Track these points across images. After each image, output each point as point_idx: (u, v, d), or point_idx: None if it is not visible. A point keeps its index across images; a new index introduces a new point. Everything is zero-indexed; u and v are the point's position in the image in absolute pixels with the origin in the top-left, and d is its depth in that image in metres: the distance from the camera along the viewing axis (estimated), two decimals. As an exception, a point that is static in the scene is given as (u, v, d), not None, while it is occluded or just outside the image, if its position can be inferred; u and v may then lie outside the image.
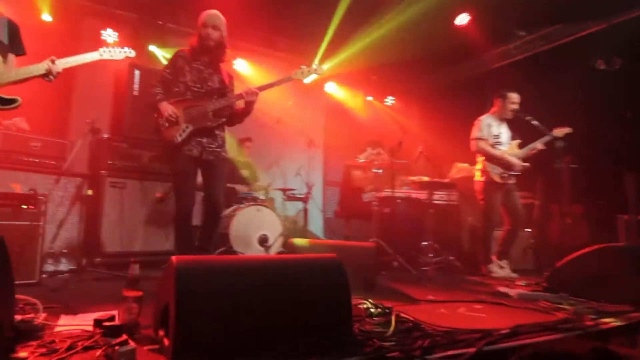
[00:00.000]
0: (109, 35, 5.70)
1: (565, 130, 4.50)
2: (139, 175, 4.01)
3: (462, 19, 5.96)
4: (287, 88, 6.81)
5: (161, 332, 1.71)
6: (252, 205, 4.87)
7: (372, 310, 2.28)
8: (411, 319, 2.22)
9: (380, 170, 4.43)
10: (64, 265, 3.49)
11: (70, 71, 5.25)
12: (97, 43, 5.56)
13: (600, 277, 3.19)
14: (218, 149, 3.30)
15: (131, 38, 5.81)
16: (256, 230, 4.80)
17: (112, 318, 1.76)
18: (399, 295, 3.14)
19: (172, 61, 3.27)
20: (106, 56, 2.84)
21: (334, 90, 7.47)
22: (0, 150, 3.41)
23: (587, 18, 5.98)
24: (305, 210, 5.77)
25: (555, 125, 4.85)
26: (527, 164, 4.48)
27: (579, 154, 5.34)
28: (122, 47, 2.97)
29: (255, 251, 4.72)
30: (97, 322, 1.72)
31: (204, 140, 3.23)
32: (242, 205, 4.87)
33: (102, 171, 3.82)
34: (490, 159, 4.45)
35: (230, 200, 5.44)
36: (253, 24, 6.12)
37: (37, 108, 4.43)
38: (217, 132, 3.32)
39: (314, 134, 7.26)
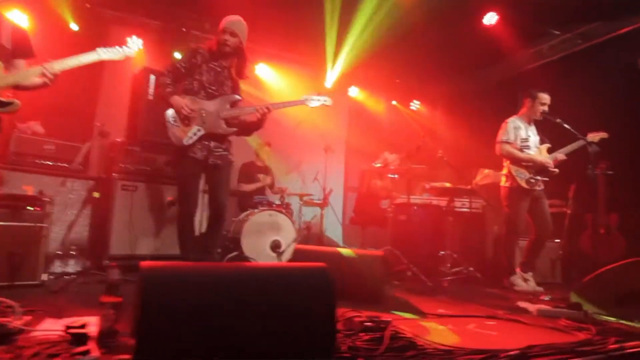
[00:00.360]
0: (134, 42, 5.82)
1: (601, 135, 4.19)
2: (151, 179, 4.01)
3: (490, 19, 5.70)
4: (308, 91, 6.78)
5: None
6: (265, 210, 4.80)
7: (368, 324, 2.13)
8: (409, 335, 2.06)
9: (396, 176, 4.25)
10: (72, 267, 3.52)
11: (95, 77, 5.44)
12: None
13: (632, 293, 2.91)
14: (225, 152, 3.25)
15: (156, 45, 5.93)
16: (269, 236, 4.73)
17: (83, 325, 1.71)
18: (407, 308, 2.97)
19: (189, 56, 3.22)
20: (105, 57, 2.84)
21: (357, 94, 7.33)
22: (14, 153, 3.49)
23: (627, 14, 5.60)
24: (322, 216, 5.66)
25: (591, 129, 4.56)
26: (556, 170, 4.20)
27: (616, 160, 4.98)
28: (122, 47, 2.95)
29: (267, 257, 4.64)
30: (67, 329, 1.67)
31: (212, 144, 3.19)
32: (255, 210, 4.81)
33: (114, 174, 3.84)
34: (517, 162, 4.18)
35: (244, 205, 5.43)
36: (274, 29, 6.08)
37: (60, 112, 4.60)
38: (225, 135, 3.28)
39: (336, 139, 7.18)
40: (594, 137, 4.20)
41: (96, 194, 3.51)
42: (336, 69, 6.58)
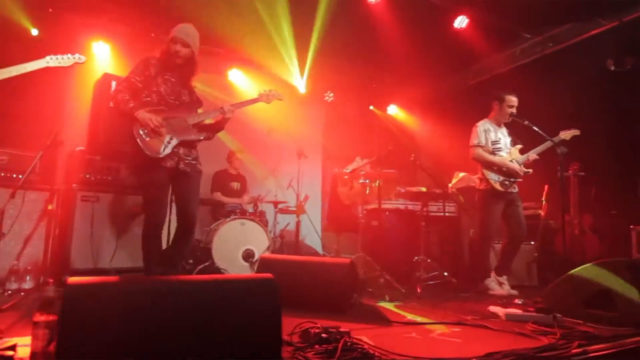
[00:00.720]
0: (101, 47, 5.72)
1: (572, 132, 4.21)
2: (113, 189, 3.89)
3: (461, 22, 5.72)
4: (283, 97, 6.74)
5: None
6: (237, 218, 4.71)
7: (324, 335, 2.05)
8: (365, 346, 1.98)
9: (367, 181, 4.20)
10: (28, 284, 3.37)
11: (60, 84, 5.28)
12: (88, 57, 5.58)
13: (598, 295, 2.88)
14: (194, 161, 3.17)
15: (124, 51, 5.81)
16: (241, 245, 4.64)
17: (13, 346, 1.60)
18: (373, 316, 2.90)
19: (142, 68, 3.12)
20: (53, 63, 2.75)
21: (333, 99, 7.29)
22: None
23: (596, 16, 5.67)
24: (298, 224, 5.58)
25: (563, 129, 4.58)
26: (529, 170, 4.19)
27: (589, 161, 5.02)
28: (73, 54, 2.86)
29: (240, 267, 4.54)
30: (-9, 351, 1.56)
31: (181, 151, 3.10)
32: (226, 219, 4.71)
33: (74, 185, 3.71)
34: (489, 166, 4.18)
35: (217, 214, 5.32)
36: (244, 34, 6.01)
37: (20, 121, 4.44)
38: (193, 144, 3.21)
39: (312, 145, 7.13)
40: (566, 135, 4.22)
41: (51, 206, 3.38)
42: (308, 74, 6.55)
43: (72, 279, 1.47)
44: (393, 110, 7.69)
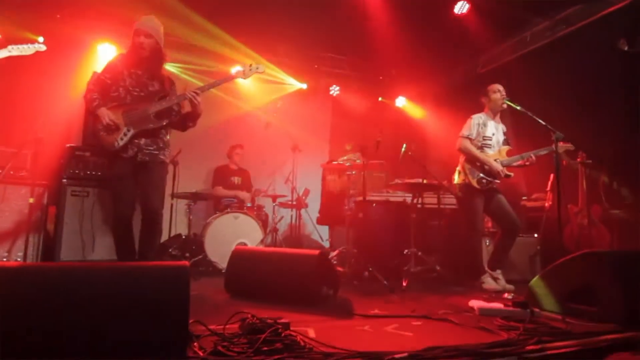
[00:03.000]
0: (106, 49, 5.86)
1: (567, 146, 3.91)
2: (102, 184, 3.96)
3: (461, 8, 5.47)
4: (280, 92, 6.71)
5: None
6: (230, 212, 4.69)
7: (259, 326, 1.97)
8: (296, 337, 1.89)
9: (353, 172, 4.06)
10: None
11: (51, 81, 5.40)
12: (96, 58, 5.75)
13: (582, 288, 2.65)
14: (155, 152, 3.15)
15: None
16: (234, 238, 4.61)
17: None
18: (338, 309, 2.80)
19: (112, 65, 3.18)
20: (15, 52, 2.80)
21: (338, 92, 7.17)
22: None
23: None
24: (299, 217, 5.52)
25: (578, 115, 4.23)
26: (510, 174, 3.96)
27: (598, 147, 4.67)
28: (33, 43, 2.91)
29: (232, 260, 4.52)
30: None
31: (142, 141, 3.10)
32: (218, 213, 4.71)
33: (64, 180, 3.80)
34: (472, 160, 3.98)
35: (216, 208, 5.34)
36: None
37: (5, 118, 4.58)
38: (159, 134, 3.20)
39: (317, 138, 7.05)
40: (560, 147, 3.89)
41: (31, 200, 3.47)
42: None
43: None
44: (401, 102, 7.46)
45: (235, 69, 3.30)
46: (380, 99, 7.43)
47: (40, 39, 5.03)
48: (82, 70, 5.44)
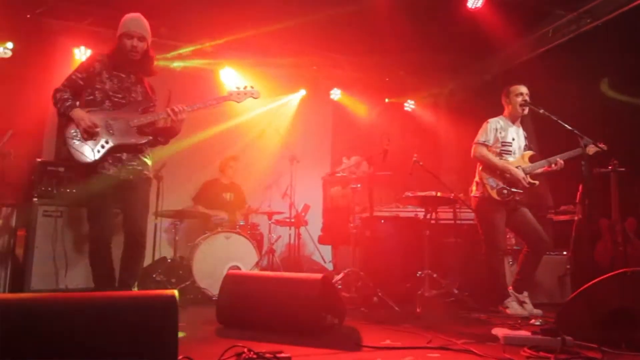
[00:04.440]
0: (83, 53, 5.92)
1: (599, 148, 3.88)
2: (78, 203, 3.95)
3: (476, 1, 5.52)
4: (275, 97, 6.74)
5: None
6: (220, 232, 4.69)
7: (256, 361, 1.96)
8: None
9: (358, 185, 4.07)
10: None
11: (10, 89, 5.43)
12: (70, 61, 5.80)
13: (618, 312, 2.63)
14: (139, 167, 3.16)
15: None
16: (226, 261, 4.62)
17: None
18: (344, 340, 2.77)
19: (87, 65, 3.17)
20: None
21: (339, 96, 7.21)
22: None
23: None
24: (298, 236, 5.51)
25: (604, 116, 4.20)
26: (535, 182, 3.95)
27: (632, 154, 4.68)
28: None
29: (224, 286, 4.50)
30: None
31: (124, 156, 3.10)
32: (208, 233, 4.71)
33: (34, 199, 3.81)
34: (490, 169, 3.98)
35: (204, 228, 5.33)
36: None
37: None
38: (143, 148, 3.20)
39: (318, 149, 7.07)
40: (591, 149, 3.88)
41: None
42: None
43: None
44: (410, 106, 7.51)
45: (228, 90, 3.32)
46: (387, 100, 7.48)
47: (9, 45, 5.09)
48: (56, 77, 5.42)
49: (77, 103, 3.07)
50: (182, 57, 6.25)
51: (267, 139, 5.52)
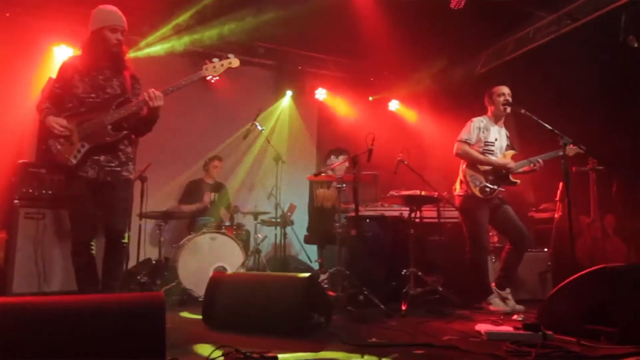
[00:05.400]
0: (64, 52, 5.84)
1: (577, 149, 4.00)
2: (60, 204, 3.92)
3: (459, 1, 5.59)
4: (264, 94, 6.74)
5: None
6: (205, 232, 4.68)
7: (244, 361, 1.97)
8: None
9: (342, 185, 4.10)
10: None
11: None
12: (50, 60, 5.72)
13: (598, 308, 2.70)
14: (118, 168, 3.13)
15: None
16: (211, 262, 4.60)
17: None
18: (331, 338, 2.80)
19: (61, 72, 3.15)
20: None
21: (325, 96, 7.23)
22: None
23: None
24: (284, 236, 5.51)
25: (582, 115, 4.28)
26: (517, 181, 4.04)
27: (609, 153, 4.80)
28: None
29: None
30: None
31: (102, 158, 3.08)
32: (193, 234, 4.69)
33: (16, 201, 3.76)
34: (473, 165, 4.05)
35: (188, 229, 5.32)
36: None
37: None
38: (120, 147, 3.17)
39: (303, 148, 7.09)
40: (569, 150, 3.99)
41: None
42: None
43: None
44: (394, 105, 7.57)
45: (204, 67, 3.23)
46: (370, 98, 7.52)
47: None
48: (36, 76, 5.41)
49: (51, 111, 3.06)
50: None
51: (251, 139, 5.50)
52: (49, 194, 3.92)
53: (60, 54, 5.78)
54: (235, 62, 3.24)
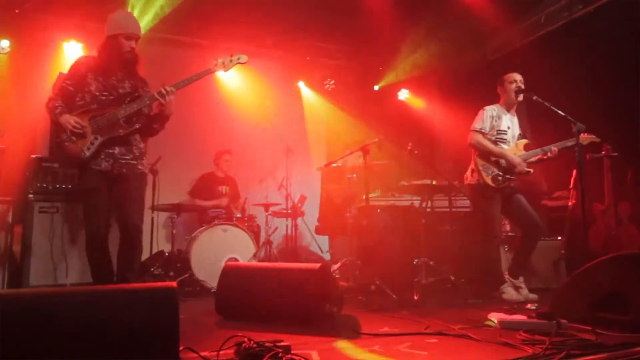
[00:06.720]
0: (73, 47, 5.88)
1: (592, 138, 3.96)
2: (74, 198, 3.96)
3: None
4: (278, 88, 6.73)
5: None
6: (217, 225, 4.71)
7: (257, 351, 1.99)
8: (299, 361, 1.91)
9: (354, 175, 4.09)
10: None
11: (2, 85, 5.40)
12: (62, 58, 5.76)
13: (612, 296, 2.68)
14: (133, 161, 3.18)
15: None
16: (223, 253, 4.63)
17: None
18: (344, 328, 2.81)
19: (74, 70, 3.19)
20: None
21: (333, 86, 7.19)
22: None
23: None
24: (295, 227, 5.54)
25: (596, 102, 4.20)
26: (530, 170, 4.00)
27: (624, 139, 4.72)
28: None
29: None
30: None
31: (116, 151, 3.12)
32: (206, 226, 4.73)
33: (30, 195, 3.81)
34: (486, 155, 4.02)
35: (202, 221, 5.35)
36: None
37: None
38: (133, 141, 3.21)
39: (315, 139, 7.08)
40: (585, 139, 3.95)
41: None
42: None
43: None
44: (404, 95, 7.51)
45: (214, 62, 3.26)
46: (376, 87, 7.47)
47: (5, 43, 5.06)
48: (47, 72, 5.44)
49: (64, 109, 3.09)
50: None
51: (261, 131, 5.51)
52: (62, 188, 3.97)
53: (70, 50, 5.81)
54: (243, 58, 3.27)
